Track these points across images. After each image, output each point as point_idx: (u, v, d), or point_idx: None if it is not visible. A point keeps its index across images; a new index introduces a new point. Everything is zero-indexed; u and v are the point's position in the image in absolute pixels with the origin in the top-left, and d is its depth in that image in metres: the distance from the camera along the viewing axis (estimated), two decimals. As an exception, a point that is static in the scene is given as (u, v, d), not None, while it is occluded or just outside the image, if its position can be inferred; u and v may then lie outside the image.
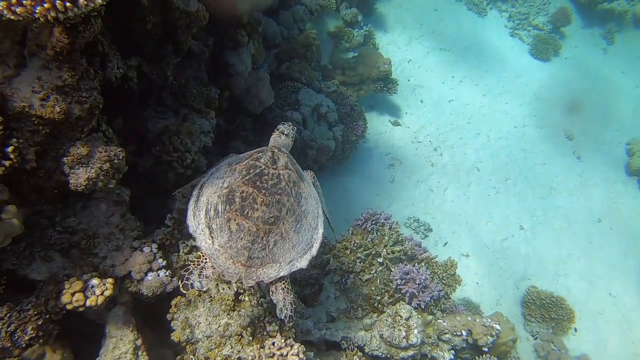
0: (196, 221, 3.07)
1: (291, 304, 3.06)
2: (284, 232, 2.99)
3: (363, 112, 8.07)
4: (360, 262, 5.62)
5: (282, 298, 3.05)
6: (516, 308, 7.42)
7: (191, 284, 2.97)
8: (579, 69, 12.72)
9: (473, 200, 8.55)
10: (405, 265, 5.73)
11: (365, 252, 5.67)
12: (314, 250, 3.17)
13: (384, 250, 5.67)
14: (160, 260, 3.91)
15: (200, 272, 3.01)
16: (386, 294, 5.36)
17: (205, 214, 3.04)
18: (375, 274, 5.58)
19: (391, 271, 5.57)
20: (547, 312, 7.00)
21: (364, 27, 10.45)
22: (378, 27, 11.23)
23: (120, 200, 3.87)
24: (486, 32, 12.82)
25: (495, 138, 9.93)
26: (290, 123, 4.01)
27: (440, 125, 9.69)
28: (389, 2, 12.11)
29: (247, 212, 2.93)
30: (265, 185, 3.03)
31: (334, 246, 5.84)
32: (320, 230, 3.27)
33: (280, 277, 3.03)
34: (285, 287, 3.08)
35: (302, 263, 3.07)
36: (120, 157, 3.27)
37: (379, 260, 5.67)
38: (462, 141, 9.55)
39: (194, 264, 3.07)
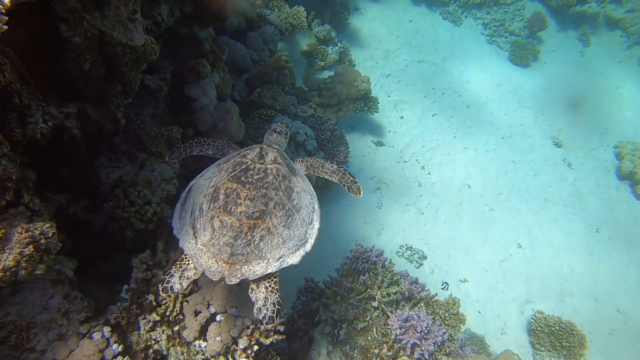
0: (181, 223, 2.98)
1: (274, 304, 2.80)
2: (271, 227, 2.85)
3: (344, 136, 7.54)
4: (353, 309, 5.01)
5: (263, 297, 2.82)
6: (523, 336, 6.90)
7: (171, 287, 2.80)
8: (559, 73, 12.52)
9: (467, 220, 8.06)
10: (403, 306, 5.18)
11: (358, 297, 5.07)
12: (309, 246, 3.00)
13: (379, 293, 5.09)
14: (114, 347, 3.25)
15: (182, 274, 2.85)
16: (385, 345, 4.76)
17: (190, 215, 2.96)
18: (370, 321, 4.99)
19: (388, 316, 4.99)
20: (558, 340, 6.48)
21: (339, 43, 10.02)
22: (353, 42, 10.81)
23: (61, 278, 3.22)
24: (463, 40, 12.55)
25: (483, 151, 9.51)
26: (283, 121, 3.95)
27: (425, 141, 9.23)
28: (362, 16, 11.75)
29: (230, 208, 2.83)
30: (250, 180, 2.94)
31: (322, 292, 5.23)
32: (316, 226, 3.13)
33: (267, 275, 2.84)
34: (270, 285, 2.86)
35: (294, 259, 2.89)
36: (49, 235, 2.63)
37: (373, 304, 5.08)
38: (450, 157, 9.10)
39: (175, 267, 2.89)
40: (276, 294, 2.85)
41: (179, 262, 2.92)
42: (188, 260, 2.89)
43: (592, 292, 7.72)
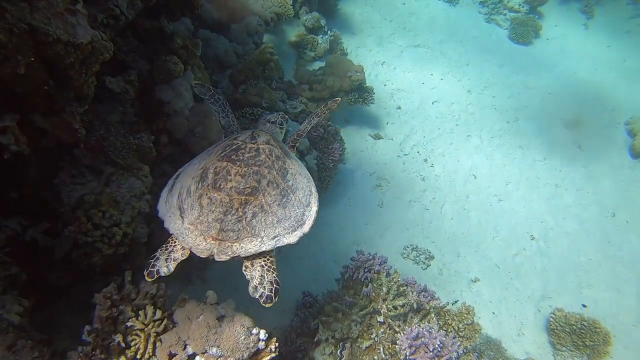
0: (167, 205, 2.89)
1: (271, 282, 2.61)
2: (264, 205, 2.71)
3: (339, 132, 6.98)
4: (356, 326, 4.51)
5: (259, 275, 2.65)
6: (542, 335, 6.40)
7: (157, 271, 2.62)
8: (563, 49, 11.89)
9: (475, 214, 7.53)
10: (412, 318, 4.68)
11: (362, 312, 4.57)
12: (307, 228, 2.88)
13: (384, 306, 4.58)
14: (74, 402, 2.77)
15: (168, 256, 2.68)
16: (394, 366, 4.28)
17: (177, 198, 2.84)
18: (377, 338, 4.49)
19: (396, 331, 4.49)
20: (580, 339, 5.99)
21: (329, 32, 9.41)
22: (344, 30, 10.19)
23: (3, 326, 2.72)
24: (460, 21, 11.90)
25: (488, 138, 8.94)
26: (281, 113, 3.87)
27: (426, 131, 8.65)
28: (352, 1, 11.11)
29: (220, 185, 2.72)
30: (241, 158, 2.84)
31: (321, 308, 4.73)
32: (314, 208, 2.98)
33: (261, 253, 2.70)
34: (266, 264, 2.70)
35: (291, 239, 2.77)
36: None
37: (379, 319, 4.57)
38: (453, 147, 8.54)
39: (161, 250, 2.72)
40: (273, 273, 2.67)
41: (164, 245, 2.74)
42: (174, 242, 2.74)
43: (613, 281, 7.21)
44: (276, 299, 2.57)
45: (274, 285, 2.60)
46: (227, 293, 5.42)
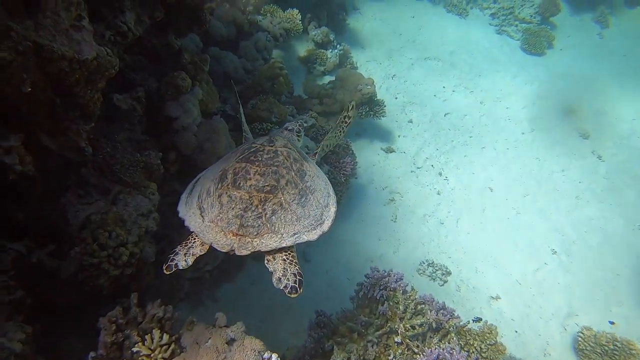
0: (187, 207, 2.96)
1: (295, 274, 2.62)
2: (284, 203, 2.76)
3: (350, 146, 6.87)
4: (373, 346, 4.30)
5: (282, 267, 2.66)
6: (569, 356, 6.07)
7: (176, 264, 2.66)
8: (577, 59, 11.69)
9: (492, 228, 7.28)
10: (431, 337, 4.44)
11: (378, 332, 4.35)
12: (326, 227, 2.90)
13: (401, 326, 4.36)
14: None
15: (187, 251, 2.72)
16: (413, 391, 4.04)
17: (197, 199, 2.91)
18: (394, 360, 4.26)
19: (414, 352, 4.26)
20: (612, 361, 5.65)
21: (338, 46, 9.39)
22: (353, 44, 10.17)
23: (4, 356, 2.60)
24: (471, 33, 11.82)
25: (503, 150, 8.73)
26: (299, 121, 3.95)
27: (439, 144, 8.48)
28: (361, 15, 11.13)
29: (239, 183, 2.79)
30: (260, 159, 2.92)
31: (336, 328, 4.52)
32: (332, 209, 3.02)
33: (282, 248, 2.71)
34: (288, 258, 2.70)
35: (311, 236, 2.79)
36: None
37: (396, 339, 4.35)
38: (467, 159, 8.34)
39: (180, 246, 2.77)
40: (295, 265, 2.68)
41: (184, 242, 2.79)
42: (194, 238, 2.79)
43: (644, 299, 6.84)
44: (301, 290, 2.58)
45: (298, 277, 2.61)
46: (239, 313, 5.30)
